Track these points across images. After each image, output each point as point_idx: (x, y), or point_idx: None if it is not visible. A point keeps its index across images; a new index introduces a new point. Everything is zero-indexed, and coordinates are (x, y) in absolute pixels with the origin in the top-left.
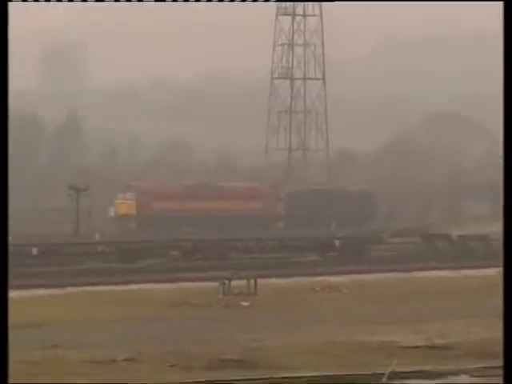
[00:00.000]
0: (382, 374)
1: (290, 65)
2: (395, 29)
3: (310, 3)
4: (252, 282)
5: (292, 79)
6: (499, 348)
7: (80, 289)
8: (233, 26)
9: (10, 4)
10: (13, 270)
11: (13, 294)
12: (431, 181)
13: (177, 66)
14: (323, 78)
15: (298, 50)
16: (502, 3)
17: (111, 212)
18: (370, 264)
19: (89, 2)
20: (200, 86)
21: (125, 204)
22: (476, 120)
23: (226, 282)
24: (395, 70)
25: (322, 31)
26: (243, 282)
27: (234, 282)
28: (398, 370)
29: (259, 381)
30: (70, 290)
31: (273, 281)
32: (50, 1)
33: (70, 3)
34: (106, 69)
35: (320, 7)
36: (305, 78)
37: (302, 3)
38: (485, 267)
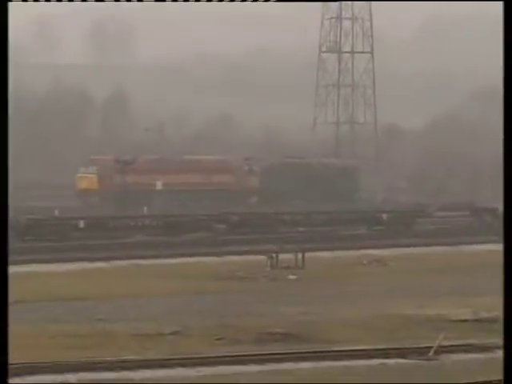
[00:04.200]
0: (430, 347)
1: (338, 39)
2: (444, 5)
3: None
4: (299, 255)
5: (340, 53)
6: None
7: (126, 262)
8: (287, 6)
9: None
10: (59, 243)
11: (60, 268)
12: (480, 156)
13: (224, 41)
14: (371, 52)
15: (346, 24)
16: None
17: (158, 186)
18: (417, 237)
19: None
20: (247, 60)
21: (86, 178)
22: None
23: (274, 255)
24: (443, 47)
25: (370, 4)
26: (291, 256)
27: (282, 256)
28: (445, 343)
29: None
30: (116, 263)
31: (320, 254)
32: (50, 1)
33: None
34: (154, 44)
35: None
36: (353, 52)
37: None
38: None
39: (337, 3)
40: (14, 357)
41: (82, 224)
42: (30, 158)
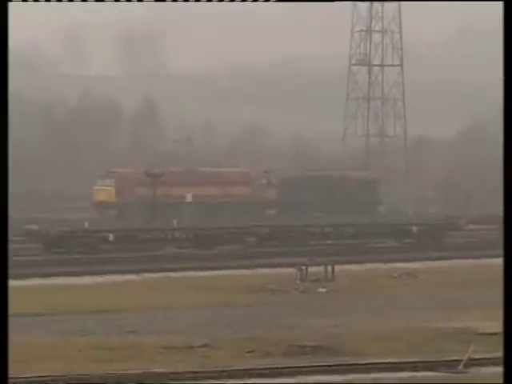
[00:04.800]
0: (459, 360)
1: (368, 51)
2: (473, 16)
3: None
4: (329, 268)
5: (370, 66)
6: None
7: (157, 275)
8: (310, 13)
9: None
10: (89, 256)
11: (89, 280)
12: None
13: (253, 52)
14: (401, 65)
15: (376, 37)
16: (501, 3)
17: (188, 198)
18: (447, 251)
19: None
20: (277, 71)
21: (104, 191)
22: None
23: (304, 268)
24: (473, 57)
25: (400, 17)
26: (320, 268)
27: (312, 268)
28: (475, 356)
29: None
30: (146, 275)
31: (350, 267)
32: (50, 1)
33: None
34: (183, 55)
35: None
36: (382, 65)
37: None
38: None
39: (366, 15)
40: (40, 368)
41: (111, 237)
42: (59, 168)
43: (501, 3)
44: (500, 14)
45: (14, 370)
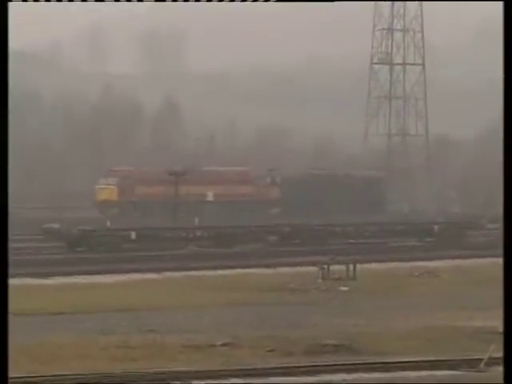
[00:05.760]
0: (480, 359)
1: (390, 50)
2: (496, 14)
3: None
4: (351, 266)
5: (391, 64)
6: None
7: (178, 273)
8: (332, 11)
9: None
10: (111, 254)
11: (110, 279)
12: None
13: (275, 52)
14: (423, 64)
15: (398, 35)
16: (501, 3)
17: (209, 197)
18: (468, 249)
19: None
20: (298, 71)
21: (106, 189)
22: None
23: (325, 266)
24: (496, 56)
25: (422, 16)
26: (342, 267)
27: (333, 267)
28: (496, 355)
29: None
30: (168, 274)
31: (372, 266)
32: (50, 1)
33: None
34: (205, 54)
35: None
36: (404, 64)
37: None
38: None
39: (388, 14)
40: (61, 368)
41: (133, 235)
42: (77, 167)
43: None
44: None
45: (34, 369)
